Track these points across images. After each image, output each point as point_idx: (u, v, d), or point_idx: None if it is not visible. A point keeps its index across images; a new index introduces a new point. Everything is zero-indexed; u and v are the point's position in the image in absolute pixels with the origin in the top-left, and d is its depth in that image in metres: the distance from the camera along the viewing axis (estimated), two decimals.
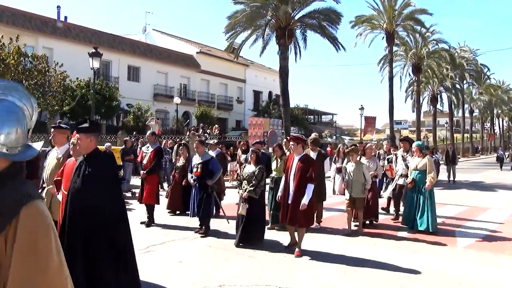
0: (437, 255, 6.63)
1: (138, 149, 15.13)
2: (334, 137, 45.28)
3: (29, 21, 30.19)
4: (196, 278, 5.41)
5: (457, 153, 22.18)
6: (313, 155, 8.43)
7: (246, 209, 7.00)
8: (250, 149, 8.25)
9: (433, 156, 17.99)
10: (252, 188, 7.06)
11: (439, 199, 13.04)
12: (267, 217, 8.19)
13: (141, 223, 8.78)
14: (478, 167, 33.10)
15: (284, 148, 9.19)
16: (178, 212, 10.08)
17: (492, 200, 13.75)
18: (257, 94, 50.68)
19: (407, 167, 9.10)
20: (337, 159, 12.26)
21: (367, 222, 9.00)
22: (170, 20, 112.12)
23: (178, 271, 5.71)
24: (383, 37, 29.91)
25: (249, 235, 7.08)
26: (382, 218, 9.76)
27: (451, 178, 19.82)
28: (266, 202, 8.19)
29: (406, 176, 9.00)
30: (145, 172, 8.96)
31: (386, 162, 11.11)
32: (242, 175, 7.50)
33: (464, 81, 48.33)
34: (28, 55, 21.67)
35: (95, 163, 4.07)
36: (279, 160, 8.56)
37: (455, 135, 50.44)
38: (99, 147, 13.19)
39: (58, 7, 33.96)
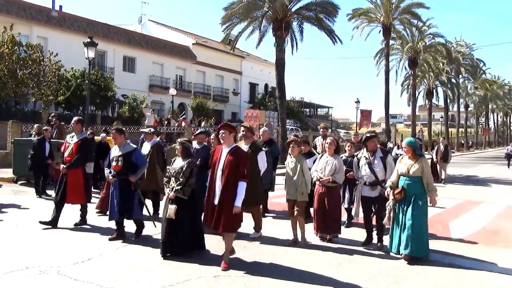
0: (431, 247, 6.65)
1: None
2: (330, 130, 45.29)
3: (24, 10, 29.94)
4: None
5: (450, 148, 18.61)
6: (244, 147, 7.02)
7: (175, 212, 5.81)
8: (177, 140, 6.60)
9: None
10: (179, 187, 5.87)
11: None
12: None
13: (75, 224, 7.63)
14: (473, 161, 33.23)
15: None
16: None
17: (486, 194, 13.81)
18: (253, 86, 50.62)
19: (373, 173, 6.67)
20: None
21: (327, 237, 6.92)
22: (166, 10, 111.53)
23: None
24: (380, 31, 29.97)
25: (177, 244, 5.87)
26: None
27: (442, 177, 16.77)
28: None
29: (372, 184, 6.66)
30: (65, 166, 7.53)
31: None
32: (169, 170, 6.19)
33: (460, 76, 48.42)
34: (23, 44, 21.55)
35: None
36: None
37: (450, 129, 50.65)
38: (96, 138, 12.70)
39: None
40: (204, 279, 5.08)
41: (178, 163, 6.13)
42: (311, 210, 7.43)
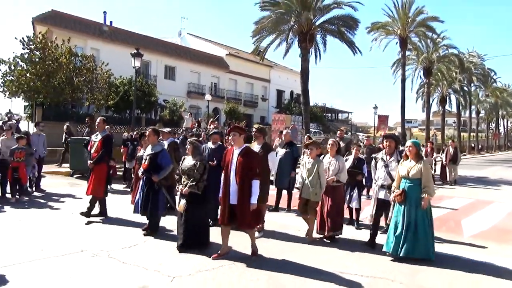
0: (445, 244, 6.48)
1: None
2: (350, 133, 44.72)
3: (79, 25, 30.75)
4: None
5: (459, 151, 17.74)
6: (257, 147, 6.82)
7: (186, 206, 5.70)
8: (188, 140, 6.43)
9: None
10: (193, 183, 5.72)
11: (444, 193, 12.82)
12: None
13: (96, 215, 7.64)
14: (483, 163, 32.15)
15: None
16: None
17: (496, 194, 13.34)
18: (280, 93, 50.46)
19: (390, 176, 6.17)
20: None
21: (328, 235, 6.49)
22: (203, 24, 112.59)
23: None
24: (397, 42, 29.34)
25: (191, 238, 5.69)
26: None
27: (449, 179, 16.17)
28: None
29: (389, 187, 6.10)
30: (92, 161, 7.59)
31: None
32: (181, 168, 5.97)
33: (472, 84, 46.87)
34: (78, 55, 22.05)
35: None
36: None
37: (462, 133, 49.21)
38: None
39: (104, 12, 34.61)
40: (236, 266, 5.11)
41: (189, 161, 5.92)
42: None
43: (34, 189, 10.29)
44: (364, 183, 8.19)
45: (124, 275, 4.73)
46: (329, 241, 6.44)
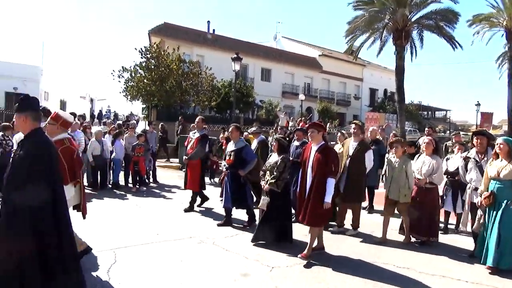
0: None
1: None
2: (448, 131, 41.25)
3: (187, 34, 32.78)
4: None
5: None
6: (352, 145, 6.52)
7: (267, 204, 5.51)
8: (274, 137, 6.13)
9: None
10: (273, 180, 5.52)
11: None
12: None
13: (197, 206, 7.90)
14: None
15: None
16: None
17: None
18: (373, 91, 48.43)
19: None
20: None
21: (419, 240, 5.94)
22: (297, 27, 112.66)
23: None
24: (502, 35, 26.23)
25: (268, 234, 5.54)
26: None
27: None
28: None
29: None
30: (187, 157, 7.73)
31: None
32: (266, 165, 5.85)
33: None
34: (186, 61, 23.50)
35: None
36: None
37: None
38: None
39: (208, 22, 36.52)
40: (331, 265, 5.00)
41: (274, 158, 5.78)
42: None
43: (151, 180, 11.26)
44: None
45: (227, 261, 4.93)
46: (422, 244, 5.89)
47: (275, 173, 5.55)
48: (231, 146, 6.81)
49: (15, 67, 27.45)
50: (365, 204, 7.94)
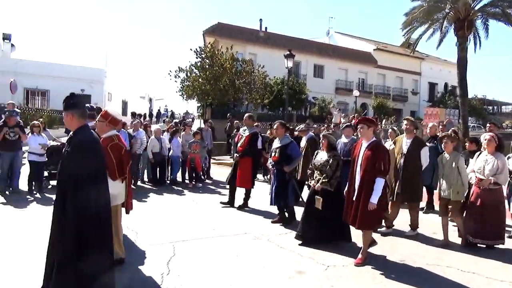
0: None
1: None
2: None
3: (240, 33, 33.16)
4: None
5: None
6: (406, 142, 6.17)
7: (322, 203, 5.29)
8: (321, 134, 5.90)
9: None
10: (326, 180, 5.29)
11: None
12: None
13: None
14: None
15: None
16: None
17: None
18: (432, 86, 46.01)
19: None
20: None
21: (483, 245, 5.52)
22: (350, 21, 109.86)
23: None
24: None
25: (326, 235, 5.38)
26: None
27: None
28: None
29: None
30: (238, 155, 7.63)
31: None
32: (314, 163, 5.57)
33: None
34: (239, 60, 23.77)
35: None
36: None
37: None
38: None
39: (260, 20, 36.63)
40: (389, 268, 4.84)
41: (322, 156, 5.52)
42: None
43: (206, 176, 11.56)
44: None
45: (282, 258, 4.94)
46: (488, 248, 5.50)
47: (327, 171, 5.34)
48: (276, 143, 6.81)
49: (82, 70, 29.48)
50: (422, 204, 7.55)
